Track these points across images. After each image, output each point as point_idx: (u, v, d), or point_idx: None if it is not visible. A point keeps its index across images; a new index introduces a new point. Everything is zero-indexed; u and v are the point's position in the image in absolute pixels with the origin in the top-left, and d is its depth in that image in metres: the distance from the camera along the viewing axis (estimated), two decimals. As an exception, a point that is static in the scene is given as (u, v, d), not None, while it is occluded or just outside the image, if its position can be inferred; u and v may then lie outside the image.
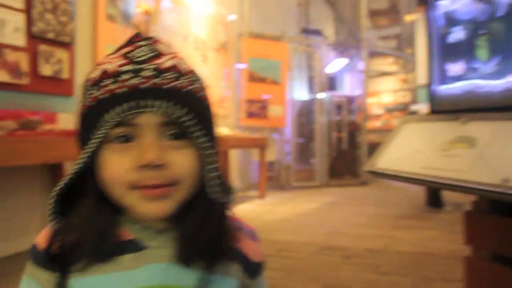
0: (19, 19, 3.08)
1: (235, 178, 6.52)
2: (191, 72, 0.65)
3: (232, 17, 6.38)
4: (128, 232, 0.65)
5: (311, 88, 8.04)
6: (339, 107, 8.04)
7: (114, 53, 0.65)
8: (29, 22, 3.15)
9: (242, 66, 6.70)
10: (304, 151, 7.94)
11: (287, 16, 8.08)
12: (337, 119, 7.94)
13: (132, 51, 0.62)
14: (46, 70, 3.26)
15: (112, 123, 0.59)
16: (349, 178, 7.74)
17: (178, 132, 0.62)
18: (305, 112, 8.11)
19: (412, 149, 1.28)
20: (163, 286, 0.63)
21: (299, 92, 8.02)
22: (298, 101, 7.91)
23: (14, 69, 3.00)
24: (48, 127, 2.93)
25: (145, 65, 0.61)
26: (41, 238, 0.66)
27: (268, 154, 6.20)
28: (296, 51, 7.43)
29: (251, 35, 6.77)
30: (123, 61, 0.61)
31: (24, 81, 3.08)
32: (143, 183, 0.60)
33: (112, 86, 0.60)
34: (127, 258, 0.63)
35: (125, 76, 0.60)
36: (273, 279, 2.57)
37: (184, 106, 0.61)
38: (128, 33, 4.15)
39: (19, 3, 3.09)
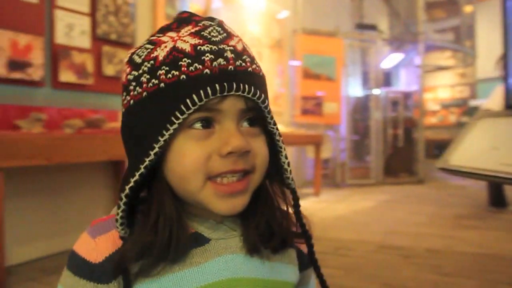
0: (85, 23, 3.22)
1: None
2: (253, 55, 0.63)
3: (286, 13, 6.37)
4: (189, 225, 0.61)
5: (366, 84, 7.91)
6: (394, 103, 7.86)
7: (172, 30, 0.59)
8: (94, 25, 3.29)
9: (296, 63, 6.68)
10: (358, 148, 7.82)
11: (341, 11, 7.97)
12: (392, 115, 7.77)
13: (202, 30, 0.57)
14: (109, 70, 3.39)
15: (196, 106, 0.54)
16: (405, 176, 7.56)
17: (254, 118, 0.60)
18: (360, 109, 7.99)
19: (489, 146, 1.23)
20: (234, 280, 0.60)
21: (354, 89, 7.91)
22: (353, 98, 7.80)
23: (80, 70, 3.15)
24: (111, 125, 3.05)
25: (224, 46, 0.56)
26: (87, 247, 0.58)
27: (323, 151, 6.16)
28: (350, 46, 7.33)
29: (305, 32, 6.73)
30: (199, 40, 0.56)
31: (90, 81, 3.22)
32: (227, 169, 0.56)
33: (197, 66, 0.54)
34: (194, 253, 0.59)
35: (209, 56, 0.55)
36: (331, 277, 2.56)
37: (262, 91, 0.59)
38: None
39: (85, 7, 3.23)
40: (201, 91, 0.53)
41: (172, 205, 0.58)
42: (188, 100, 0.53)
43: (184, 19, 0.60)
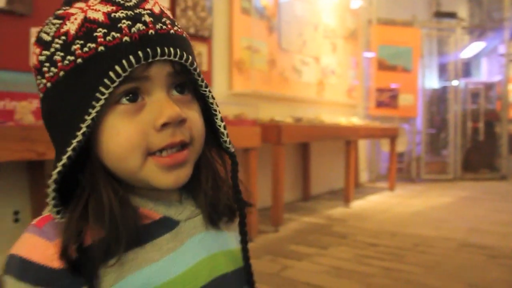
0: (166, 17, 3.32)
1: (362, 169, 6.40)
2: (172, 17, 0.58)
3: (360, 3, 6.22)
4: (153, 211, 0.58)
5: (443, 75, 7.56)
6: (475, 95, 7.46)
7: (79, 1, 0.54)
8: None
9: (370, 54, 6.52)
10: (434, 142, 7.52)
11: (418, -1, 7.67)
12: (472, 107, 7.38)
13: None
14: (188, 64, 3.48)
15: (121, 78, 0.50)
16: (485, 171, 7.17)
17: (183, 84, 0.57)
18: (436, 101, 7.66)
19: None
20: (211, 256, 0.60)
21: (430, 80, 7.60)
22: (429, 90, 7.49)
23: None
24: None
25: (140, 10, 0.52)
26: (45, 252, 0.50)
27: (398, 144, 5.98)
28: (428, 36, 7.03)
29: (380, 22, 6.55)
30: (112, 7, 0.51)
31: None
32: (165, 143, 0.53)
33: (114, 35, 0.50)
34: (164, 240, 0.56)
35: (125, 23, 0.50)
36: (412, 273, 2.49)
37: (189, 53, 0.55)
38: (261, 25, 4.29)
39: (165, 2, 3.33)
40: (124, 61, 0.49)
41: (108, 186, 0.53)
42: (111, 73, 0.49)
43: None
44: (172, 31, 0.54)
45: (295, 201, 4.85)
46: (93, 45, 0.50)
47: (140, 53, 0.50)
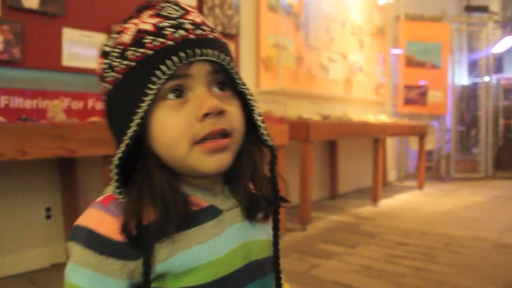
0: (194, 16, 3.34)
1: (390, 167, 6.32)
2: (212, 26, 0.66)
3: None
4: (202, 200, 0.66)
5: (473, 71, 7.39)
6: (507, 91, 7.26)
7: (134, 18, 0.63)
8: (202, 17, 3.40)
9: (398, 51, 6.42)
10: (464, 140, 7.36)
11: (447, -7, 7.51)
12: (505, 104, 7.19)
13: (160, 10, 0.62)
14: (216, 61, 3.48)
15: (167, 75, 0.58)
16: (518, 170, 6.98)
17: (224, 82, 0.64)
18: (466, 98, 7.50)
19: None
20: (246, 243, 0.67)
21: (460, 76, 7.43)
22: (459, 86, 7.33)
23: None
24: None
25: (182, 20, 0.61)
26: (110, 227, 0.59)
27: (427, 142, 5.87)
28: (458, 31, 6.88)
29: (408, 17, 6.43)
30: (159, 19, 0.60)
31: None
32: (207, 131, 0.60)
33: (160, 40, 0.59)
34: (210, 225, 0.64)
35: (169, 30, 0.59)
36: (443, 274, 2.43)
37: (227, 54, 0.63)
38: (288, 22, 4.27)
39: (193, 1, 3.35)
40: (168, 61, 0.58)
41: (160, 173, 0.61)
42: (157, 71, 0.58)
43: (143, 7, 0.64)
44: (210, 35, 0.62)
45: (322, 200, 4.81)
46: (143, 50, 0.59)
47: (181, 53, 0.58)
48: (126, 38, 0.60)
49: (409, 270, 2.53)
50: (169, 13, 0.61)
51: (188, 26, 0.60)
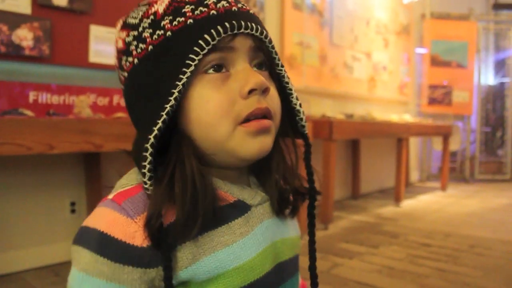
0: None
1: (413, 168, 6.24)
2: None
3: (414, -3, 6.05)
4: (228, 193, 0.59)
5: (500, 71, 7.23)
6: (535, 91, 7.09)
7: None
8: (226, 15, 3.41)
9: (423, 50, 6.33)
10: (489, 141, 7.21)
11: (474, -9, 7.37)
12: (533, 105, 7.03)
13: None
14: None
15: (210, 46, 0.52)
16: (545, 172, 6.82)
17: (262, 63, 0.59)
18: (492, 98, 7.35)
19: None
20: (276, 242, 0.62)
21: (486, 76, 7.29)
22: (485, 86, 7.19)
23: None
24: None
25: None
26: (126, 229, 0.51)
27: (451, 143, 5.78)
28: (485, 30, 6.75)
29: (434, 16, 6.34)
30: None
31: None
32: (252, 109, 0.54)
33: (202, 9, 0.53)
34: (237, 224, 0.57)
35: (211, 0, 0.54)
36: (468, 276, 2.39)
37: (266, 30, 0.59)
38: (312, 20, 4.25)
39: None
40: (213, 31, 0.52)
41: (192, 159, 0.54)
42: (201, 41, 0.52)
43: None
44: (251, 11, 0.58)
45: (344, 199, 4.78)
46: (182, 19, 0.53)
47: (227, 24, 0.53)
48: (160, 8, 0.55)
49: (432, 271, 2.49)
50: None
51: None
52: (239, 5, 0.57)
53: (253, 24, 0.56)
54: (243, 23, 0.54)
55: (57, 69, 2.52)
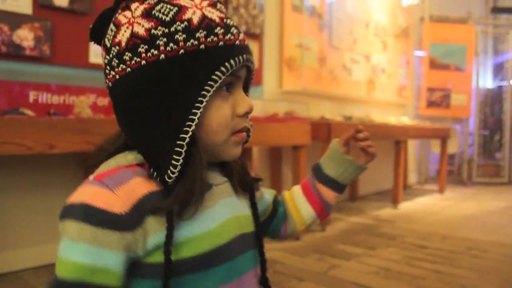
0: (218, 15, 3.36)
1: (411, 170, 6.26)
2: None
3: (413, 0, 6.06)
4: None
5: (498, 75, 7.26)
6: (533, 95, 7.12)
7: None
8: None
9: (421, 53, 6.35)
10: (487, 144, 7.24)
11: (473, -5, 7.40)
12: (531, 109, 7.05)
13: (214, 3, 0.66)
14: (238, 61, 3.50)
15: (233, 69, 0.63)
16: (543, 176, 6.84)
17: (245, 86, 0.73)
18: (490, 101, 7.37)
19: None
20: (235, 217, 0.72)
21: (484, 79, 7.32)
22: (483, 89, 7.22)
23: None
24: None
25: (232, 21, 0.67)
26: (107, 200, 0.58)
27: (449, 146, 5.80)
28: (483, 33, 6.77)
29: (432, 19, 6.37)
30: (221, 14, 0.65)
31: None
32: (242, 126, 0.69)
33: (229, 37, 0.64)
34: (204, 199, 0.67)
35: (235, 30, 0.65)
36: (465, 278, 2.41)
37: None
38: (312, 23, 4.27)
39: (218, 0, 3.36)
40: (236, 58, 0.63)
41: (200, 156, 0.65)
42: (227, 64, 0.63)
43: None
44: (246, 42, 0.69)
45: (342, 201, 4.79)
46: (215, 38, 0.62)
47: (244, 56, 0.65)
48: (194, 18, 0.62)
49: (429, 273, 2.51)
50: (223, 10, 0.67)
51: (240, 31, 0.67)
52: (241, 37, 0.67)
53: (251, 58, 0.69)
54: (250, 58, 0.68)
55: (58, 69, 2.54)
